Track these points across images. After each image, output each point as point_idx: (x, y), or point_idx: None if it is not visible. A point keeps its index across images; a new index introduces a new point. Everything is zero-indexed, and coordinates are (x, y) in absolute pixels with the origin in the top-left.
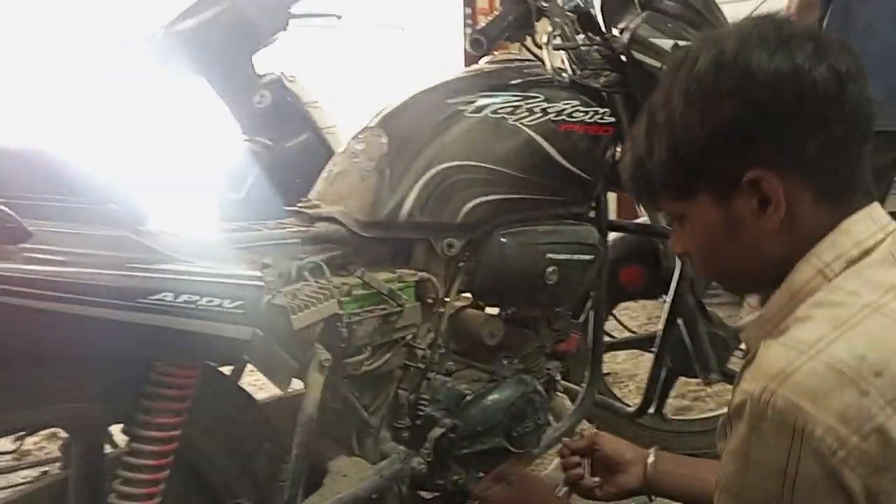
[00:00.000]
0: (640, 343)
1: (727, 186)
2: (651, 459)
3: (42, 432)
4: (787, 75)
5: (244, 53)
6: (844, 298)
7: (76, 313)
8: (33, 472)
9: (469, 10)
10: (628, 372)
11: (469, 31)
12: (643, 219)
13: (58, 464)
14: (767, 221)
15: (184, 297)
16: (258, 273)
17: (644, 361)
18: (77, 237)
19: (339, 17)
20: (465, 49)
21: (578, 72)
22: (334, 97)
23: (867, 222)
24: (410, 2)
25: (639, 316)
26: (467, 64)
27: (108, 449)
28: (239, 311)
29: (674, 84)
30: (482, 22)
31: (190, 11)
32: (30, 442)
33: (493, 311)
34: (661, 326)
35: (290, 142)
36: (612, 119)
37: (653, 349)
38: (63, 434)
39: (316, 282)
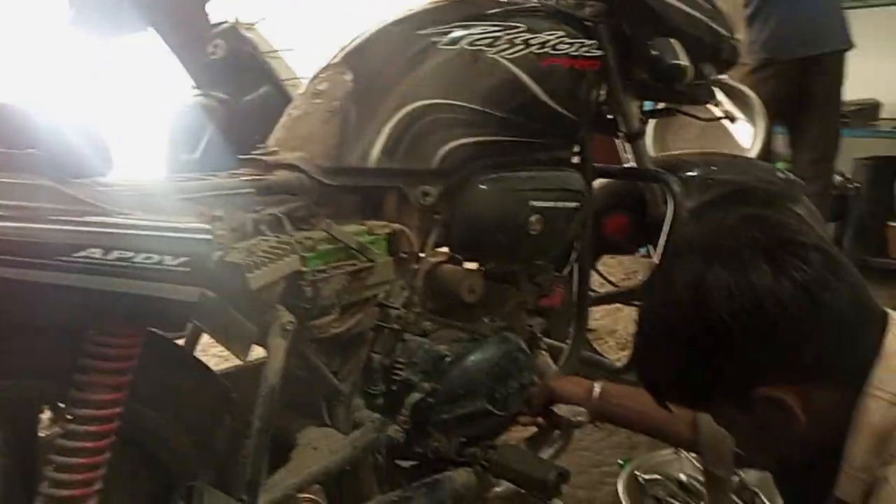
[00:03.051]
0: (623, 297)
1: (741, 396)
2: (596, 391)
3: None
4: (749, 300)
5: (196, 1)
6: None
7: None
8: None
9: None
10: (608, 328)
11: None
12: (630, 164)
13: None
14: (793, 422)
15: (115, 254)
16: (206, 226)
17: (623, 317)
18: None
19: None
20: None
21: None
22: (295, 46)
23: None
24: None
25: (615, 272)
26: None
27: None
28: (183, 269)
29: (652, 307)
30: None
31: None
32: None
33: (471, 265)
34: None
35: (247, 95)
36: (599, 52)
37: (637, 303)
38: None
39: (275, 236)
